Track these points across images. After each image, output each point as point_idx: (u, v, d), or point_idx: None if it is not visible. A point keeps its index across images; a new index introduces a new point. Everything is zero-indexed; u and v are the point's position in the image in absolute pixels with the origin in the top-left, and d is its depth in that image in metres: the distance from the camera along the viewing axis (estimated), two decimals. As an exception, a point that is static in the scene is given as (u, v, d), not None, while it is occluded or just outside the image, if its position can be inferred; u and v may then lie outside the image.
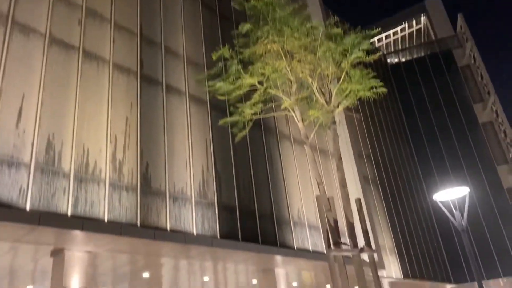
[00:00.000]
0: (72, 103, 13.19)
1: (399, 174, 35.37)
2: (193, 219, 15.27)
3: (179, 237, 14.43)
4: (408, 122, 42.08)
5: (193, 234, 14.96)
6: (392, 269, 27.81)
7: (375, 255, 5.42)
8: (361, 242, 4.68)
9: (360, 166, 28.52)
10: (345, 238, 4.87)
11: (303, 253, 19.48)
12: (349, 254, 4.57)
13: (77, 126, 12.94)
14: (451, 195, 12.26)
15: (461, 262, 35.34)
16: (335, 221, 4.73)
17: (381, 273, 24.92)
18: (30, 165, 11.54)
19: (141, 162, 14.32)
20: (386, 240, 29.14)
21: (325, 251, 4.78)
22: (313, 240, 20.37)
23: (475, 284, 31.13)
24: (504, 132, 42.17)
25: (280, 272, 19.49)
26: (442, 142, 40.65)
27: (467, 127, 40.74)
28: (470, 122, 40.97)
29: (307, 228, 20.56)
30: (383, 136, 35.38)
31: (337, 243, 4.58)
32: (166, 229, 14.15)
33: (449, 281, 35.28)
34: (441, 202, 12.50)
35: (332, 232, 4.70)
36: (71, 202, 11.99)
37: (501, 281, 36.60)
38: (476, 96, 42.94)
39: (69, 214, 11.82)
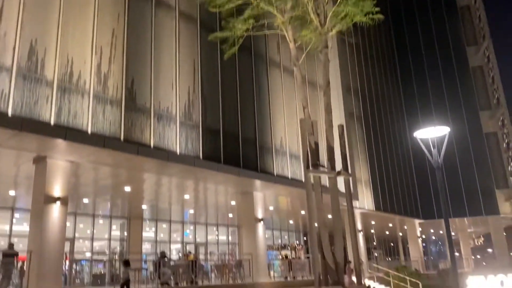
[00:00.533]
0: (56, 9, 12.57)
1: (384, 110, 35.72)
2: (177, 138, 15.39)
3: (163, 154, 14.63)
4: (399, 58, 41.71)
5: (176, 153, 15.16)
6: (365, 201, 29.04)
7: (351, 185, 5.61)
8: (338, 167, 4.82)
9: (347, 101, 28.62)
10: (324, 163, 5.01)
11: (282, 179, 20.07)
12: (326, 175, 4.72)
13: (61, 34, 12.45)
14: (431, 133, 12.51)
15: (431, 200, 37.03)
16: (316, 145, 4.82)
17: (354, 203, 26.04)
18: (11, 69, 11.22)
19: (126, 76, 14.06)
20: (363, 173, 30.09)
21: (303, 179, 4.93)
22: (293, 169, 20.92)
23: (442, 221, 32.81)
24: (493, 78, 42.29)
25: (258, 196, 20.22)
26: (430, 81, 40.71)
27: (457, 69, 40.67)
28: (460, 65, 40.84)
29: (288, 156, 21.01)
30: (373, 71, 35.18)
31: (316, 165, 4.70)
32: (150, 146, 14.29)
33: (418, 217, 37.20)
34: (421, 139, 12.78)
35: (312, 155, 4.81)
36: (54, 111, 11.87)
37: (466, 220, 38.79)
38: (470, 38, 42.39)
39: (52, 122, 11.76)
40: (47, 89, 11.87)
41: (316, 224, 4.71)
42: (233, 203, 21.71)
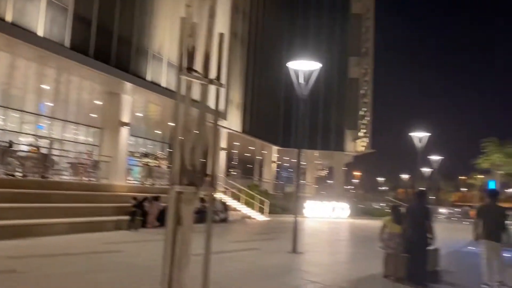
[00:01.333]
0: None
1: (268, 38, 36.21)
2: (40, 18, 13.61)
3: (21, 33, 12.89)
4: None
5: (37, 34, 13.48)
6: (233, 123, 30.10)
7: (222, 100, 5.69)
8: (212, 74, 4.81)
9: (233, 20, 28.21)
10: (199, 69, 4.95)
11: (154, 86, 19.50)
12: (199, 81, 4.70)
13: None
14: (303, 66, 13.23)
15: (291, 130, 39.97)
16: (193, 48, 4.71)
17: (223, 123, 26.80)
18: None
19: None
20: (237, 96, 30.87)
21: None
22: (168, 78, 20.37)
23: (296, 150, 35.84)
24: (367, 27, 45.52)
25: (127, 99, 19.43)
26: (314, 20, 42.00)
27: (340, 13, 42.52)
28: (343, 10, 42.78)
29: (164, 64, 20.30)
30: (264, -2, 34.95)
31: (190, 69, 4.63)
32: (6, 20, 12.41)
33: (277, 144, 40.05)
34: (294, 71, 13.43)
35: (188, 58, 4.70)
36: None
37: (315, 152, 43.13)
38: (357, -15, 44.32)
39: None
40: None
41: (181, 133, 4.70)
42: (97, 102, 20.53)
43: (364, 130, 45.47)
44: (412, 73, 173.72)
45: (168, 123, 25.46)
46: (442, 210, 47.87)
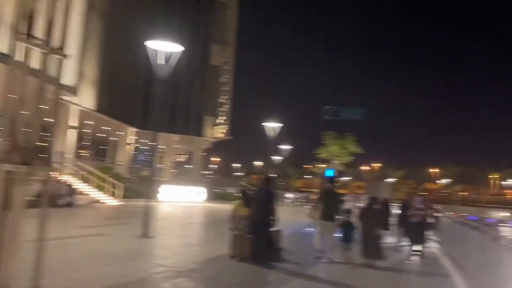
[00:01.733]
0: None
1: (131, 13, 34.38)
2: None
3: None
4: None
5: None
6: (87, 100, 28.00)
7: (73, 76, 5.17)
8: (55, 43, 4.40)
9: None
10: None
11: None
12: (39, 48, 4.26)
13: None
14: (163, 47, 12.94)
15: (150, 112, 38.70)
16: (33, 12, 4.25)
17: (73, 99, 24.80)
18: None
19: None
20: (92, 71, 28.76)
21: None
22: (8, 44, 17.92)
23: (152, 133, 35.03)
24: (230, 16, 46.48)
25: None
26: (181, 4, 41.11)
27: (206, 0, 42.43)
28: (208, -3, 42.76)
29: (3, 27, 17.82)
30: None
31: (28, 35, 4.16)
32: None
33: (134, 125, 38.52)
34: (153, 50, 13.05)
35: (28, 22, 4.22)
36: None
37: (175, 136, 42.80)
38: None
39: None
40: None
41: (14, 105, 4.16)
42: None
43: (224, 117, 46.65)
44: (272, 65, 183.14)
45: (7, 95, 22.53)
46: (289, 195, 52.04)
